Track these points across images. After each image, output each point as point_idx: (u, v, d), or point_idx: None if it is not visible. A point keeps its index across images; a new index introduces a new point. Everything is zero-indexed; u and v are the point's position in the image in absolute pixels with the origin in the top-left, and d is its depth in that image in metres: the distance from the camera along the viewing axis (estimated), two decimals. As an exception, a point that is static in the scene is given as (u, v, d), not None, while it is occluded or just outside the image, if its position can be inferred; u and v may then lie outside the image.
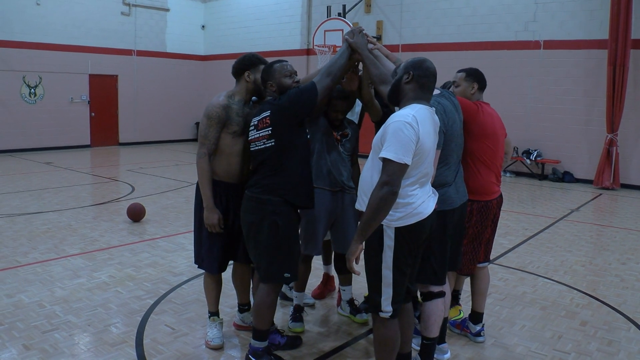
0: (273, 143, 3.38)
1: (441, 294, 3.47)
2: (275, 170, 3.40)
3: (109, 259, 5.89)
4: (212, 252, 3.79)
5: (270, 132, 3.37)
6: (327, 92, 3.43)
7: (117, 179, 11.54)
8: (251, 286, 4.16)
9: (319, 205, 3.94)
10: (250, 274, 4.08)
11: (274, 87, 3.47)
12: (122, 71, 17.50)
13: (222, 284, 4.03)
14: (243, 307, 4.14)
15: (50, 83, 15.89)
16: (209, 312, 3.99)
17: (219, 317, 3.99)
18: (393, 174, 2.72)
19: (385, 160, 2.75)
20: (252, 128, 3.51)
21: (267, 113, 3.40)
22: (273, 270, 3.44)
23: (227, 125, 3.63)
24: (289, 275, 3.48)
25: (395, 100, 3.05)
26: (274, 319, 3.84)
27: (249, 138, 3.52)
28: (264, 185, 3.41)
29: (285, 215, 3.41)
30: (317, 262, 4.92)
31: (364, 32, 3.53)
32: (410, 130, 2.75)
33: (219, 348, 3.88)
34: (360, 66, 3.81)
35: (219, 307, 4.06)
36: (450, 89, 3.93)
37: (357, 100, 4.11)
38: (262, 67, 3.63)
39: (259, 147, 3.44)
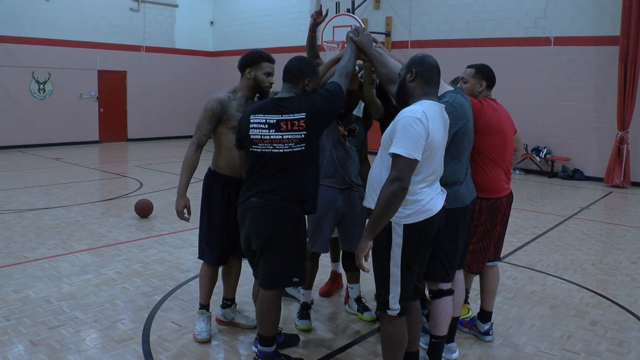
0: (303, 148, 3.17)
1: (450, 292, 3.44)
2: (298, 176, 3.22)
3: (116, 255, 5.89)
4: (212, 243, 3.83)
5: (303, 136, 3.15)
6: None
7: (126, 175, 11.57)
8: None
9: (327, 203, 3.93)
10: (240, 269, 4.10)
11: (310, 87, 3.29)
12: (131, 67, 17.54)
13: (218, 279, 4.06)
14: (227, 302, 4.15)
15: (59, 79, 15.93)
16: (200, 305, 4.00)
17: (208, 310, 4.00)
18: (403, 170, 2.69)
19: (395, 156, 2.72)
20: (263, 126, 3.19)
21: (302, 115, 3.15)
22: (285, 277, 3.34)
23: (226, 120, 3.65)
24: (298, 279, 3.39)
25: (403, 100, 3.03)
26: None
27: (261, 138, 3.19)
28: (285, 192, 3.20)
29: (303, 221, 3.35)
30: (325, 259, 4.89)
31: (367, 31, 3.56)
32: (420, 126, 2.72)
33: (205, 342, 3.89)
34: (359, 66, 3.82)
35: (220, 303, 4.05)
36: (458, 85, 3.89)
37: None
38: (265, 64, 3.64)
39: (283, 150, 3.16)
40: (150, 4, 17.78)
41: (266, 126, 3.18)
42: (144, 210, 7.56)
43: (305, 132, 3.15)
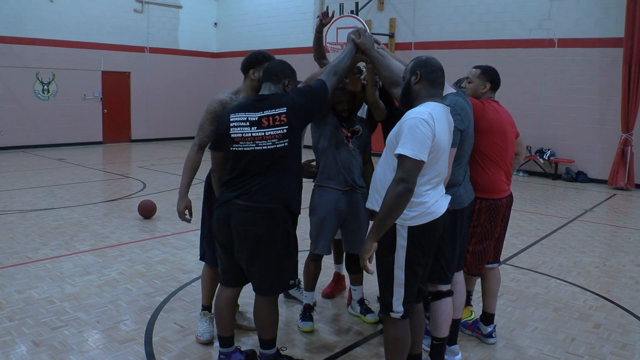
0: (286, 144, 3.13)
1: (449, 293, 3.44)
2: (281, 174, 3.16)
3: (119, 255, 5.90)
4: (213, 245, 3.79)
5: (285, 131, 3.11)
6: (333, 91, 3.39)
7: (129, 176, 11.58)
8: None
9: (329, 205, 3.93)
10: None
11: (289, 87, 3.32)
12: (135, 68, 17.57)
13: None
14: None
15: (63, 80, 15.98)
16: (202, 306, 3.99)
17: (210, 311, 3.99)
18: (409, 171, 2.69)
19: (401, 157, 2.72)
20: (245, 124, 3.15)
21: (283, 110, 3.13)
22: (281, 281, 3.29)
23: None
24: (293, 281, 3.35)
25: (408, 103, 3.02)
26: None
27: (242, 136, 3.15)
28: (269, 193, 3.13)
29: (292, 222, 3.28)
30: (328, 261, 4.89)
31: (368, 32, 3.56)
32: (426, 127, 2.72)
33: (208, 343, 3.88)
34: (363, 68, 3.81)
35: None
36: (462, 85, 3.89)
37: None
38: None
39: (267, 147, 3.12)
40: (154, 5, 17.82)
41: (247, 124, 3.15)
42: (147, 211, 7.56)
43: (287, 127, 3.12)
